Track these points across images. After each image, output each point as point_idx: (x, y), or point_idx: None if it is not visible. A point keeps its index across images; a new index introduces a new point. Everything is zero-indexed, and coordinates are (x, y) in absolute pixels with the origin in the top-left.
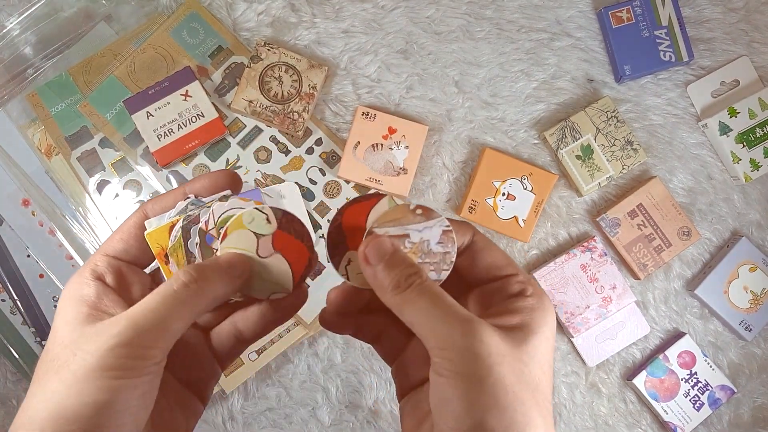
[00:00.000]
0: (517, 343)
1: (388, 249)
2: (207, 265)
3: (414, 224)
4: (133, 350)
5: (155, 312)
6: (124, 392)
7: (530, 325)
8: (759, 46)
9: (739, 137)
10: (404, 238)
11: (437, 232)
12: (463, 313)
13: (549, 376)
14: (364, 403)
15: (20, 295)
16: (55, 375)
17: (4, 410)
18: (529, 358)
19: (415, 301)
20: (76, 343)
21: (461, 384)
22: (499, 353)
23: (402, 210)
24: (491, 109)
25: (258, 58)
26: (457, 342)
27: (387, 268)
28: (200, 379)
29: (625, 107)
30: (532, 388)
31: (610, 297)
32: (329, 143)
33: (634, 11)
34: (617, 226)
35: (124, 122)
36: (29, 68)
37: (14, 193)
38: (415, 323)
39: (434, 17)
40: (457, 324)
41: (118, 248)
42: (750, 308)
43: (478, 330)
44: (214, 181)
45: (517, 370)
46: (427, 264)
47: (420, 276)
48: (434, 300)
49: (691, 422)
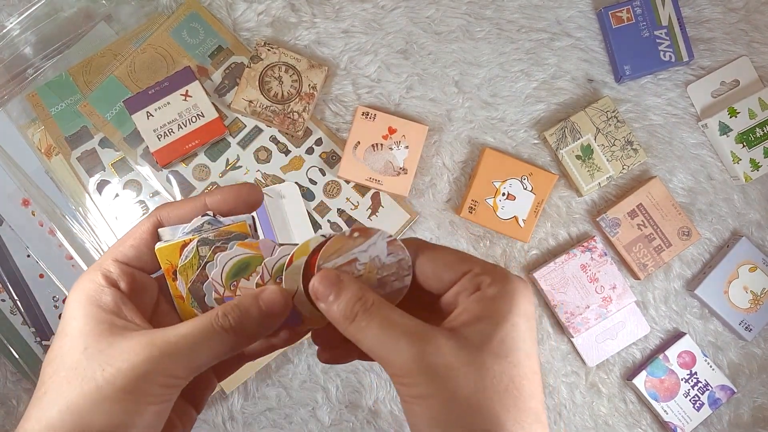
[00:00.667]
0: (477, 345)
1: (332, 279)
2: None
3: (357, 247)
4: (161, 379)
5: (191, 347)
6: (143, 416)
7: (492, 318)
8: (759, 46)
9: (739, 137)
10: (353, 263)
11: (382, 245)
12: (414, 329)
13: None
14: (364, 403)
15: (20, 295)
16: (78, 386)
17: (4, 410)
18: (493, 358)
19: (365, 330)
20: (104, 355)
21: (421, 409)
22: (452, 367)
23: (340, 240)
24: (491, 109)
25: (258, 58)
26: (409, 366)
27: (335, 301)
28: (196, 390)
29: (625, 107)
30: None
31: (610, 297)
32: (329, 143)
33: (634, 11)
34: (617, 226)
35: (124, 122)
36: (29, 68)
37: (14, 193)
38: (372, 352)
39: (434, 17)
40: (405, 346)
41: (129, 255)
42: (750, 308)
43: (426, 349)
44: (237, 194)
45: (475, 378)
46: (387, 276)
47: (365, 301)
48: (382, 324)
49: (691, 422)
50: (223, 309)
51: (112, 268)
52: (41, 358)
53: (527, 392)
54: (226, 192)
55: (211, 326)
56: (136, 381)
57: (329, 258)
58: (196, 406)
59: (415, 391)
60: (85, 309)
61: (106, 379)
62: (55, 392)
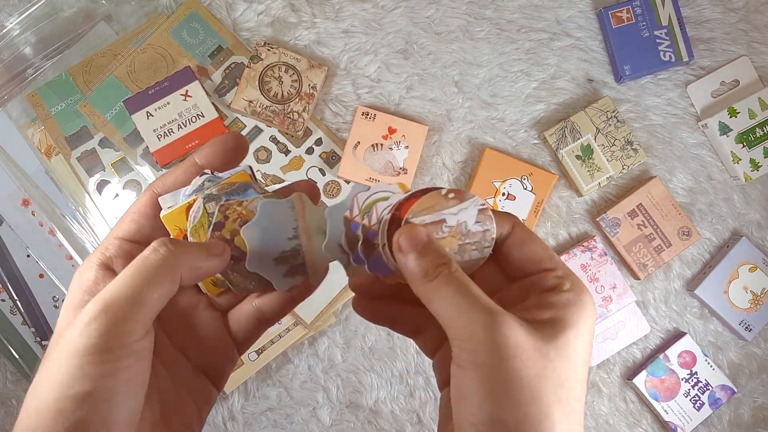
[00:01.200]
0: (544, 339)
1: (421, 238)
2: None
3: (448, 208)
4: (106, 327)
5: (127, 283)
6: (107, 379)
7: (562, 321)
8: (759, 46)
9: (739, 137)
10: (440, 223)
11: (473, 212)
12: (489, 305)
13: (579, 375)
14: (364, 403)
15: (20, 295)
16: (42, 365)
17: (3, 410)
18: (555, 354)
19: (441, 291)
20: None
21: (477, 376)
22: (520, 347)
23: (435, 197)
24: (491, 109)
25: (258, 58)
26: (478, 333)
27: (418, 258)
28: (216, 363)
29: (625, 107)
30: (556, 385)
31: (611, 297)
32: (329, 143)
33: (634, 11)
34: (617, 226)
35: (124, 122)
36: (29, 68)
37: (14, 193)
38: (440, 313)
39: (434, 17)
40: (479, 315)
41: (130, 229)
42: (750, 308)
43: (500, 321)
44: (224, 145)
45: (539, 365)
46: (468, 244)
47: (449, 266)
48: (460, 290)
49: (691, 422)
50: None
51: (110, 245)
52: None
53: (577, 395)
54: (213, 144)
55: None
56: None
57: (418, 214)
58: (216, 382)
59: (478, 357)
60: (70, 291)
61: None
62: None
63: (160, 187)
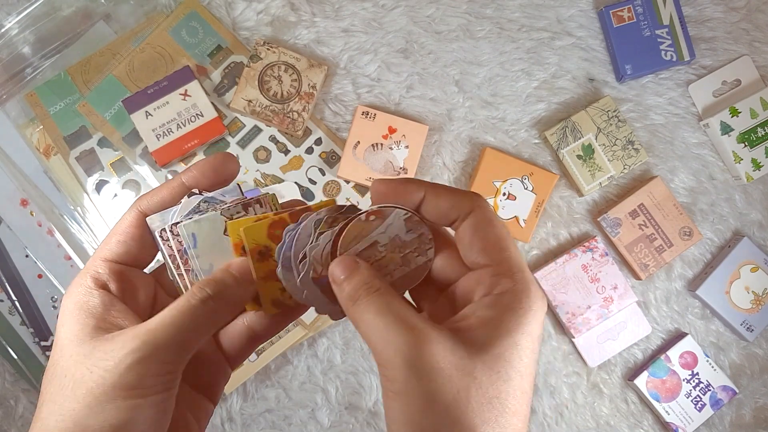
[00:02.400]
0: (472, 353)
1: (346, 264)
2: (222, 278)
3: (375, 230)
4: (152, 368)
5: (174, 328)
6: (144, 410)
7: (496, 329)
8: (760, 46)
9: (741, 137)
10: (374, 246)
11: (399, 223)
12: (410, 322)
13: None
14: (363, 405)
15: (19, 296)
16: (71, 393)
17: (2, 410)
18: (483, 369)
19: (363, 314)
20: (90, 359)
21: (397, 404)
22: (438, 368)
23: (357, 225)
24: (492, 109)
25: (257, 58)
26: (394, 359)
27: (345, 283)
28: (210, 381)
29: (626, 107)
30: (481, 403)
31: (612, 297)
32: (329, 143)
33: (635, 10)
34: (618, 226)
35: (123, 122)
36: (28, 67)
37: (12, 192)
38: (364, 337)
39: (434, 16)
40: (397, 337)
41: (118, 251)
42: (752, 309)
43: (417, 343)
44: (212, 166)
45: (460, 384)
46: (410, 253)
47: (369, 287)
48: (380, 311)
49: (692, 423)
50: (198, 284)
51: (101, 268)
52: (39, 359)
53: (511, 409)
54: (202, 166)
55: (188, 302)
56: (124, 376)
57: (349, 245)
58: (212, 398)
59: (396, 386)
60: (72, 316)
61: (95, 380)
62: (51, 402)
63: (146, 205)
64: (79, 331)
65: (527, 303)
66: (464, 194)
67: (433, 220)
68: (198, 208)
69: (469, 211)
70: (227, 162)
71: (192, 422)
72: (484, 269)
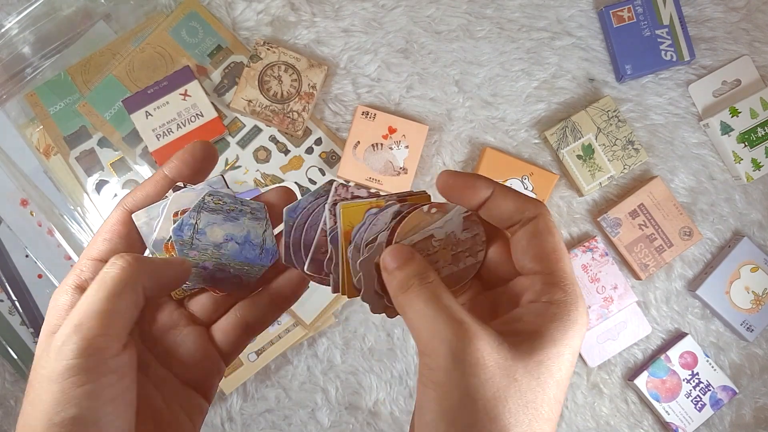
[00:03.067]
0: (516, 356)
1: (402, 253)
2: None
3: (434, 223)
4: (80, 346)
5: (91, 300)
6: (90, 400)
7: (542, 337)
8: (760, 46)
9: (741, 137)
10: (430, 239)
11: (458, 221)
12: (458, 317)
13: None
14: (363, 405)
15: (19, 296)
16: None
17: (2, 410)
18: (524, 372)
19: (413, 302)
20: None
21: (435, 393)
22: (481, 364)
23: (417, 215)
24: (492, 109)
25: (257, 58)
26: (438, 349)
27: (398, 272)
28: (203, 377)
29: (626, 107)
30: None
31: (612, 297)
32: (329, 143)
33: (635, 10)
34: (618, 226)
35: (123, 122)
36: (28, 67)
37: (12, 192)
38: (410, 325)
39: (434, 16)
40: (444, 329)
41: (103, 249)
42: (752, 309)
43: (464, 337)
44: (192, 155)
45: (501, 384)
46: (461, 252)
47: (422, 277)
48: (430, 301)
49: (692, 423)
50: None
51: (84, 267)
52: None
53: (544, 415)
54: (182, 155)
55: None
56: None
57: (406, 235)
58: (206, 395)
59: (437, 375)
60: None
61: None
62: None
63: (131, 202)
64: (44, 330)
65: (575, 316)
66: (530, 200)
67: (494, 220)
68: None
69: (532, 217)
70: (206, 149)
71: (185, 421)
72: (535, 276)
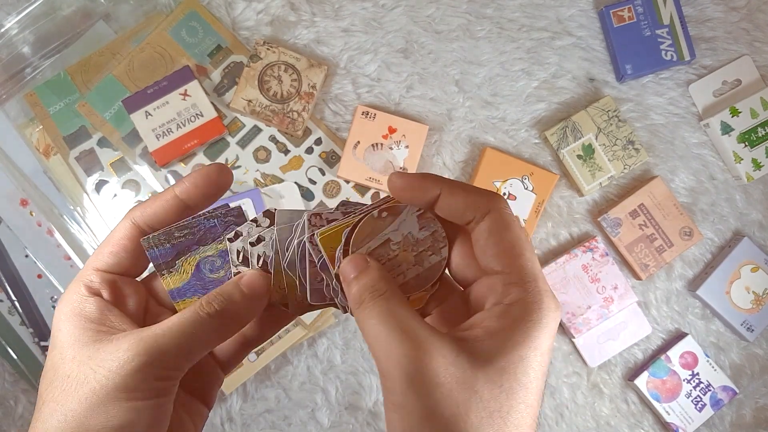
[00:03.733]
0: (476, 365)
1: (356, 264)
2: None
3: (388, 227)
4: (155, 372)
5: (180, 337)
6: (144, 413)
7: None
8: (761, 46)
9: (741, 137)
10: (387, 244)
11: (412, 220)
12: (413, 332)
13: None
14: (363, 405)
15: (18, 296)
16: (73, 393)
17: (1, 411)
18: (485, 382)
19: (367, 318)
20: (93, 360)
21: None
22: (436, 381)
23: (369, 222)
24: (492, 109)
25: (257, 57)
26: (393, 371)
27: (354, 284)
28: (204, 386)
29: (626, 107)
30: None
31: (612, 297)
32: (329, 143)
33: (635, 10)
34: (619, 226)
35: (123, 122)
36: (27, 67)
37: (12, 192)
38: (368, 343)
39: (434, 16)
40: (397, 348)
41: (109, 262)
42: (752, 309)
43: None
44: (206, 178)
45: (461, 398)
46: (423, 252)
47: (374, 290)
48: (382, 318)
49: (693, 423)
50: (207, 297)
51: (93, 277)
52: (39, 359)
53: (513, 422)
54: (195, 177)
55: (197, 314)
56: (128, 378)
57: (362, 243)
58: (206, 402)
59: (395, 398)
60: (70, 320)
61: (99, 381)
62: (52, 402)
63: (140, 217)
64: (80, 335)
65: (537, 315)
66: (481, 194)
67: (448, 218)
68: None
69: (486, 212)
70: (221, 173)
71: (190, 426)
72: (497, 275)
